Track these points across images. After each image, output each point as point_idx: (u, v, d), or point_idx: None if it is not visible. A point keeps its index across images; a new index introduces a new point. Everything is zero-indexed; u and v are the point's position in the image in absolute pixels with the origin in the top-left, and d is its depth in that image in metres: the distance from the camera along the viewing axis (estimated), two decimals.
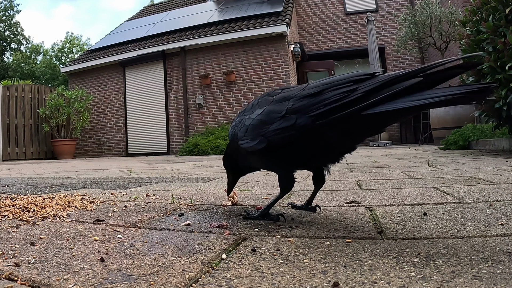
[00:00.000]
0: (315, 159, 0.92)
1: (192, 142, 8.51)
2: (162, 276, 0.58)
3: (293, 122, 0.81)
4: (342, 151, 0.91)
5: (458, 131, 5.20)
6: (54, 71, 28.52)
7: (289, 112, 0.83)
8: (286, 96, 0.87)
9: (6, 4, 28.97)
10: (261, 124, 0.88)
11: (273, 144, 0.86)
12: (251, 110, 0.95)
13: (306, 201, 1.12)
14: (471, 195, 1.27)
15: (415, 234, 0.80)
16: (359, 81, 0.75)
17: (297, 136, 0.82)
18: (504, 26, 3.21)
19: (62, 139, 10.09)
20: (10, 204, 1.22)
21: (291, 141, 0.84)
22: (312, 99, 0.80)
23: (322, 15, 12.41)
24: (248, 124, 0.92)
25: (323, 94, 0.79)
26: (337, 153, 0.91)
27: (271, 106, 0.88)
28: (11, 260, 0.67)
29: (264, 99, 0.93)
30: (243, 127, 0.94)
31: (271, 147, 0.87)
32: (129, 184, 2.13)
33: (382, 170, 2.45)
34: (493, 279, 0.52)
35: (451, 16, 7.30)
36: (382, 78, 0.73)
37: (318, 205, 1.11)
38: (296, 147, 0.86)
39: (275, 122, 0.85)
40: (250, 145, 0.90)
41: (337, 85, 0.77)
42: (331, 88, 0.78)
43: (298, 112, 0.81)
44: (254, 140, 0.89)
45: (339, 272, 0.57)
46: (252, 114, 0.93)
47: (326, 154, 0.89)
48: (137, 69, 10.55)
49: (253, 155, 0.95)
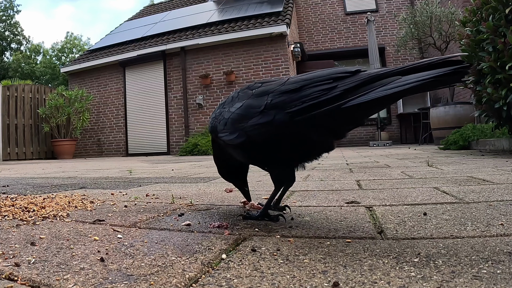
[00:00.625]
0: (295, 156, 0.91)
1: (192, 142, 8.51)
2: (162, 276, 0.58)
3: (271, 118, 0.80)
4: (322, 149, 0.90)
5: (458, 131, 5.20)
6: (54, 71, 28.53)
7: (267, 107, 0.82)
8: (265, 91, 0.85)
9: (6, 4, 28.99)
10: (240, 118, 0.87)
11: (252, 139, 0.85)
12: (231, 103, 0.93)
13: (275, 201, 1.08)
14: (471, 195, 1.27)
15: (415, 234, 0.80)
16: (339, 79, 0.75)
17: (275, 132, 0.81)
18: (504, 26, 3.21)
19: (62, 139, 10.09)
20: (10, 204, 1.22)
21: (269, 136, 0.83)
22: (292, 95, 0.79)
23: (322, 15, 12.41)
24: (227, 118, 0.91)
25: (302, 91, 0.78)
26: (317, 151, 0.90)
27: (250, 100, 0.87)
28: (11, 260, 0.67)
29: (244, 92, 0.92)
30: (222, 120, 0.93)
31: (250, 142, 0.86)
32: (129, 184, 2.13)
33: (382, 170, 2.45)
34: (493, 279, 0.52)
35: (451, 16, 7.30)
36: (362, 76, 0.72)
37: (288, 206, 1.09)
38: (276, 143, 0.85)
39: (254, 117, 0.84)
40: (229, 138, 0.89)
41: (317, 82, 0.77)
42: (310, 84, 0.77)
43: (276, 108, 0.80)
44: (233, 134, 0.88)
45: (339, 272, 0.57)
46: (231, 108, 0.91)
47: (305, 151, 0.88)
48: (137, 69, 10.55)
49: (235, 150, 0.94)
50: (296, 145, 0.85)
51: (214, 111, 1.02)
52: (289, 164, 0.93)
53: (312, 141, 0.84)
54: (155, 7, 16.42)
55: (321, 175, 2.22)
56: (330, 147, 0.90)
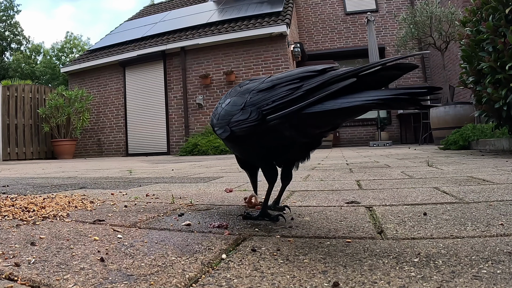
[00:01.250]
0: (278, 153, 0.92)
1: (192, 142, 8.51)
2: (162, 276, 0.58)
3: (247, 115, 0.82)
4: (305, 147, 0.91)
5: (458, 131, 5.20)
6: (54, 71, 28.54)
7: (247, 105, 0.84)
8: (248, 88, 0.88)
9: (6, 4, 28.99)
10: (227, 114, 0.90)
11: (235, 135, 0.87)
12: (224, 99, 0.97)
13: (274, 200, 1.10)
14: (471, 195, 1.27)
15: (415, 234, 0.80)
16: (306, 78, 0.74)
17: (252, 130, 0.83)
18: (504, 26, 3.21)
19: (62, 139, 10.09)
20: (10, 204, 1.22)
21: (248, 133, 0.84)
22: (265, 94, 0.81)
23: (322, 15, 12.42)
24: (219, 113, 0.94)
25: (274, 90, 0.79)
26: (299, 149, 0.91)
27: (236, 98, 0.90)
28: (11, 260, 0.67)
29: (235, 89, 0.95)
30: (216, 115, 0.96)
31: (234, 138, 0.89)
32: (129, 184, 2.13)
33: (382, 170, 2.45)
34: (493, 279, 0.52)
35: (451, 16, 7.30)
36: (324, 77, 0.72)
37: (287, 206, 1.09)
38: (254, 140, 0.87)
39: (235, 114, 0.86)
40: (219, 133, 0.93)
41: (287, 81, 0.77)
42: (281, 84, 0.78)
43: (253, 106, 0.82)
44: (221, 129, 0.91)
45: (339, 272, 0.57)
46: (223, 104, 0.95)
47: (286, 149, 0.89)
48: (137, 69, 10.55)
49: (226, 143, 0.97)
50: (273, 143, 0.87)
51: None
52: (269, 161, 0.95)
53: (287, 141, 0.84)
54: (155, 7, 16.42)
55: (321, 175, 2.22)
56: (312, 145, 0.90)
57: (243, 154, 0.98)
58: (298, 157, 0.94)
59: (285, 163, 0.99)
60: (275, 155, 0.92)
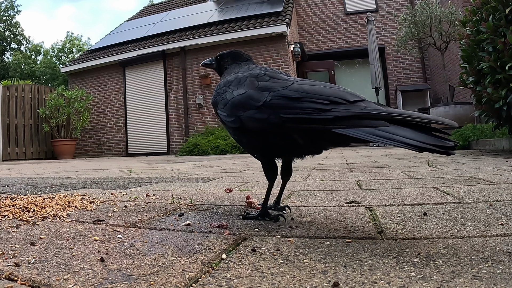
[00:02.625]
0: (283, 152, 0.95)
1: (192, 142, 8.51)
2: (162, 276, 0.58)
3: (265, 116, 0.83)
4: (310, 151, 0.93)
5: (458, 131, 5.20)
6: (54, 71, 28.53)
7: (265, 105, 0.84)
8: (268, 87, 0.87)
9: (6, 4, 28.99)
10: (240, 105, 0.90)
11: (245, 128, 0.89)
12: (236, 85, 0.95)
13: (274, 200, 1.11)
14: (471, 195, 1.27)
15: (415, 234, 0.80)
16: (335, 103, 0.76)
17: (266, 129, 0.85)
18: (504, 26, 3.21)
19: (62, 139, 10.09)
20: (10, 204, 1.22)
21: (261, 132, 0.87)
22: (289, 103, 0.81)
23: (322, 15, 12.41)
24: (228, 99, 0.93)
25: (300, 102, 0.80)
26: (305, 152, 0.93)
27: (252, 91, 0.89)
28: (11, 260, 0.67)
29: (251, 80, 0.93)
30: (224, 100, 0.96)
31: (244, 130, 0.91)
32: (129, 184, 2.13)
33: (382, 170, 2.45)
34: (493, 279, 0.52)
35: (451, 16, 7.30)
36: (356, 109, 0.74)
37: (288, 206, 1.10)
38: (264, 138, 0.89)
39: (251, 109, 0.87)
40: (226, 120, 0.94)
41: (315, 98, 0.78)
42: (308, 98, 0.79)
43: (272, 109, 0.83)
44: (230, 117, 0.92)
45: (339, 272, 0.57)
46: (234, 91, 0.93)
47: (293, 150, 0.92)
48: (137, 69, 10.55)
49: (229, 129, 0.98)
50: (282, 145, 0.89)
51: (219, 83, 1.04)
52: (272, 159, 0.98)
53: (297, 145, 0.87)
54: (155, 7, 16.42)
55: (321, 175, 2.22)
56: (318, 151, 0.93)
57: (246, 147, 0.99)
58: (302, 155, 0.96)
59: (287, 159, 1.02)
60: (279, 153, 0.95)
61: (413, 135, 0.66)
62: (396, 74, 11.56)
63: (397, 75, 11.54)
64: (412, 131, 0.67)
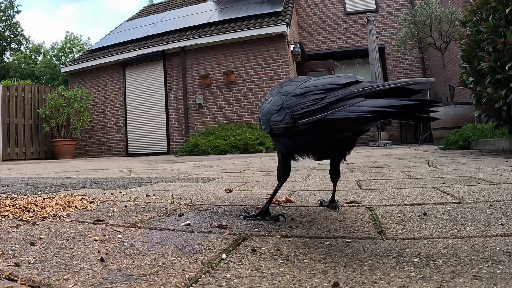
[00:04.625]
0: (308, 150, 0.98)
1: (192, 142, 8.51)
2: (162, 276, 0.58)
3: (282, 117, 0.89)
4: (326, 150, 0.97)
5: (458, 131, 5.20)
6: (54, 71, 28.53)
7: (283, 107, 0.89)
8: (287, 90, 0.93)
9: (6, 4, 28.99)
10: (268, 112, 0.97)
11: (273, 132, 0.95)
12: (269, 95, 1.03)
13: (329, 200, 1.18)
14: (471, 195, 1.27)
15: (415, 234, 0.80)
16: (330, 90, 0.79)
17: (285, 130, 0.89)
18: (504, 26, 3.21)
19: (62, 139, 10.09)
20: (10, 204, 1.22)
21: (283, 132, 0.92)
22: (297, 100, 0.86)
23: (322, 15, 12.41)
24: (263, 109, 1.01)
25: (304, 97, 0.84)
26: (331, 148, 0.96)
27: (276, 97, 0.95)
28: (11, 260, 0.67)
29: (277, 88, 1.00)
30: (261, 110, 1.03)
31: (273, 134, 0.97)
32: (129, 184, 2.13)
33: (382, 170, 2.44)
34: (493, 279, 0.52)
35: (451, 16, 7.30)
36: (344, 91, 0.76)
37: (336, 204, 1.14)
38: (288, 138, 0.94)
39: (274, 113, 0.93)
40: (262, 128, 1.01)
41: (315, 90, 0.82)
42: (310, 92, 0.83)
43: (287, 109, 0.88)
44: (264, 125, 0.99)
45: (339, 272, 0.57)
46: (267, 101, 1.01)
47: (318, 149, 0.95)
48: (137, 69, 10.55)
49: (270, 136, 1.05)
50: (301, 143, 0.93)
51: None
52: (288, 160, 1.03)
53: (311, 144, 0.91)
54: (155, 7, 16.42)
55: (321, 175, 2.22)
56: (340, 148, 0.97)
57: (276, 147, 1.06)
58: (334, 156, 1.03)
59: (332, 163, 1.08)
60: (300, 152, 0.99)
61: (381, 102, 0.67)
62: (396, 74, 11.56)
63: (397, 75, 11.54)
64: (384, 100, 0.68)
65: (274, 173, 2.53)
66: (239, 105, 9.38)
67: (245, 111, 9.33)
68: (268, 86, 9.13)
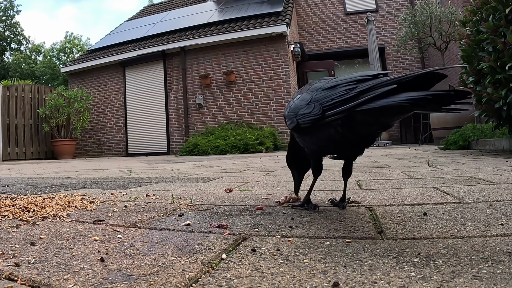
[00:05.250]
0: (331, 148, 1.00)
1: (192, 142, 8.51)
2: (162, 276, 0.58)
3: (311, 109, 0.92)
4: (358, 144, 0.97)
5: (458, 131, 5.19)
6: (54, 71, 28.52)
7: (312, 100, 0.93)
8: (316, 87, 0.96)
9: (6, 4, 28.99)
10: (296, 107, 1.00)
11: (300, 126, 0.97)
12: (296, 94, 1.06)
13: (340, 198, 1.19)
14: (471, 195, 1.27)
15: (415, 234, 0.80)
16: (361, 81, 0.82)
17: (313, 122, 0.92)
18: (504, 26, 3.21)
19: (62, 139, 10.09)
20: (10, 204, 1.22)
21: (310, 125, 0.94)
22: (327, 92, 0.89)
23: (322, 15, 12.41)
24: (290, 106, 1.04)
25: (335, 89, 0.87)
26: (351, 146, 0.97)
27: (304, 93, 0.99)
28: (11, 260, 0.67)
29: (305, 86, 1.04)
30: (288, 108, 1.06)
31: (300, 128, 0.99)
32: (129, 184, 2.13)
33: (382, 170, 2.44)
34: (493, 279, 0.52)
35: (451, 16, 7.30)
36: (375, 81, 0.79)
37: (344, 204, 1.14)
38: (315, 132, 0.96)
39: (302, 107, 0.96)
40: (288, 123, 1.04)
41: (346, 82, 0.86)
42: (341, 84, 0.87)
43: (316, 102, 0.91)
44: (290, 120, 1.02)
45: (339, 272, 0.57)
46: (295, 99, 1.04)
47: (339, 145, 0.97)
48: (137, 69, 10.55)
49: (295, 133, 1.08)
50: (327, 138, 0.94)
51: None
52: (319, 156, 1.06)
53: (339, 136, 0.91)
54: (155, 7, 16.41)
55: (321, 175, 2.22)
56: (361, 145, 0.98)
57: (303, 143, 1.08)
58: (353, 153, 1.03)
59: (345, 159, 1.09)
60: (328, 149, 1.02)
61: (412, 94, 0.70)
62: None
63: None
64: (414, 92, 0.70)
65: (274, 173, 2.53)
66: (239, 105, 9.38)
67: (245, 111, 9.33)
68: (268, 86, 9.14)
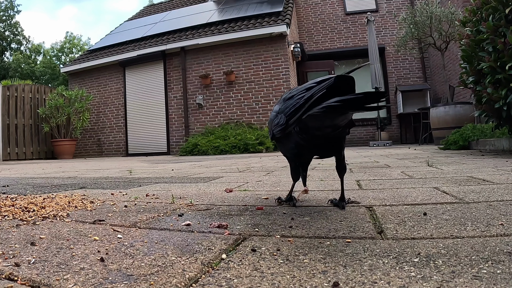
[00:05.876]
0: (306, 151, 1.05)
1: (192, 142, 8.50)
2: (162, 276, 0.58)
3: (279, 120, 0.98)
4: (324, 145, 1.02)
5: (458, 131, 5.19)
6: (54, 71, 28.53)
7: (279, 111, 0.99)
8: (284, 97, 1.02)
9: (6, 4, 28.99)
10: (270, 120, 1.06)
11: (275, 136, 1.04)
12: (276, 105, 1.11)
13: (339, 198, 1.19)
14: (471, 195, 1.27)
15: (415, 234, 0.80)
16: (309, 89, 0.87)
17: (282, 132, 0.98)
18: (504, 26, 3.21)
19: (62, 139, 10.09)
20: (10, 204, 1.22)
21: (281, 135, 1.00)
22: (288, 102, 0.95)
23: (322, 15, 12.41)
24: (270, 118, 1.10)
25: (292, 99, 0.93)
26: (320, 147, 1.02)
27: (278, 105, 1.04)
28: (11, 260, 0.67)
29: (282, 96, 1.07)
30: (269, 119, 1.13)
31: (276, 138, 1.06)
32: (129, 184, 2.13)
33: (382, 170, 2.44)
34: (493, 279, 0.52)
35: (451, 16, 7.30)
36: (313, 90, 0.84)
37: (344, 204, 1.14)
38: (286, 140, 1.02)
39: (273, 119, 1.02)
40: (269, 135, 1.11)
41: (300, 91, 0.91)
42: (296, 94, 0.92)
43: (282, 112, 0.97)
44: (269, 131, 1.09)
45: (339, 272, 0.57)
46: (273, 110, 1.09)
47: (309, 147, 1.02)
48: (137, 69, 10.55)
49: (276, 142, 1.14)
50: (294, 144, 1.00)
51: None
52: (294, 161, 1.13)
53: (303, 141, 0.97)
54: (155, 7, 16.41)
55: (321, 175, 2.22)
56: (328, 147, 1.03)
57: (281, 152, 1.16)
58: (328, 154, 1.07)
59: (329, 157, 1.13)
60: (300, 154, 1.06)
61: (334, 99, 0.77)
62: (396, 74, 11.56)
63: (397, 75, 11.54)
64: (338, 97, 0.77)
65: (274, 173, 2.53)
66: (239, 105, 9.38)
67: (245, 111, 9.33)
68: (268, 86, 9.14)
